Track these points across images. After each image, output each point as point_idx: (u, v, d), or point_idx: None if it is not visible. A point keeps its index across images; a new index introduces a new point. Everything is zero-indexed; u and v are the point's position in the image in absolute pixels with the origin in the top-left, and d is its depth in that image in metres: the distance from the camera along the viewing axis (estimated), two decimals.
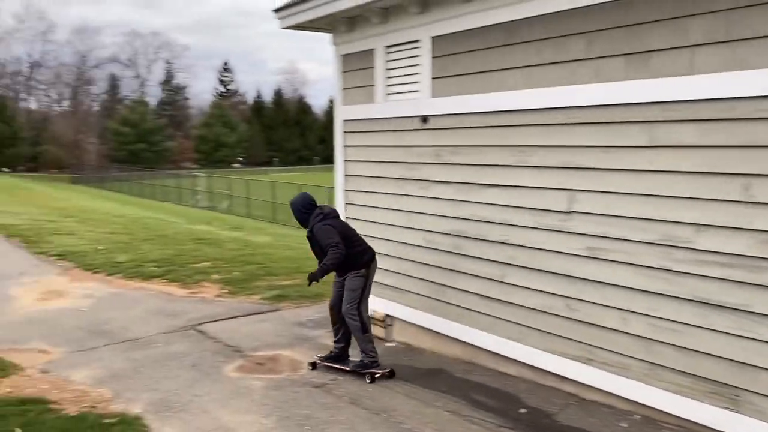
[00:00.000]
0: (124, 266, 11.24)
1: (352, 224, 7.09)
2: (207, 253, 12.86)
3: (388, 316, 6.83)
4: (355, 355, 5.99)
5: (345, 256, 5.58)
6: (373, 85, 6.65)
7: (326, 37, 7.39)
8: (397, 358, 6.32)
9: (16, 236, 14.87)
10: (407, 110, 6.29)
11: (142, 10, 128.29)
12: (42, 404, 5.16)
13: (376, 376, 5.71)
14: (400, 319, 6.70)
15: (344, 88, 7.13)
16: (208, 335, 7.21)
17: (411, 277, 6.45)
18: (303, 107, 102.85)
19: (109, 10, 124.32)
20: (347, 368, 5.91)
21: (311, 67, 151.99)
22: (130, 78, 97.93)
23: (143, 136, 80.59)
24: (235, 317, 7.96)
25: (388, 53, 6.47)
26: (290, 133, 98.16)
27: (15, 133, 75.66)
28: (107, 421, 4.80)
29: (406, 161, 6.38)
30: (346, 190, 7.27)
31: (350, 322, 5.81)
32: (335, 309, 6.01)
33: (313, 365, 6.11)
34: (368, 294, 5.92)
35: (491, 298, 5.66)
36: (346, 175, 7.26)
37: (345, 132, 7.20)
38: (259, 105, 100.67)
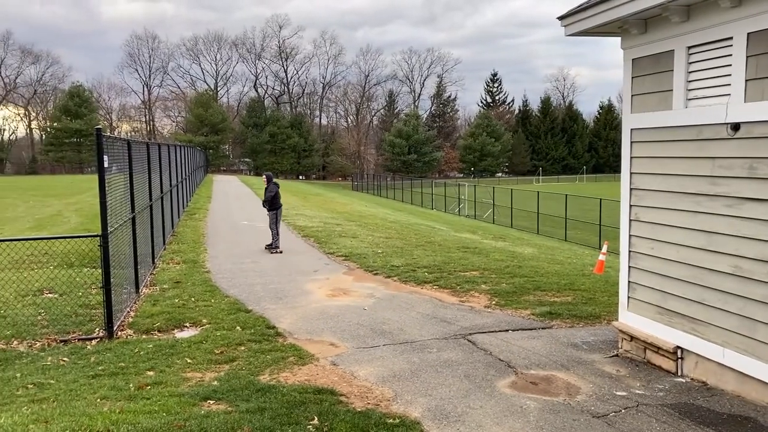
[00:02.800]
0: (400, 270, 11.93)
1: (640, 243, 6.56)
2: (474, 262, 13.04)
3: (679, 348, 6.09)
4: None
5: (279, 204, 14.88)
6: (670, 90, 6.02)
7: (601, 41, 6.94)
8: (691, 397, 5.60)
9: (310, 237, 16.84)
10: (712, 117, 5.55)
11: (421, 29, 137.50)
12: (333, 395, 5.64)
13: (273, 252, 14.21)
14: (696, 353, 5.93)
15: (634, 95, 6.57)
16: (478, 346, 7.23)
17: (711, 307, 5.66)
18: (571, 114, 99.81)
19: (390, 31, 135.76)
20: (270, 249, 14.42)
21: (581, 72, 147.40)
22: (405, 93, 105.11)
23: (414, 147, 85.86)
24: (505, 331, 7.86)
25: (690, 54, 5.79)
26: (556, 141, 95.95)
27: (309, 146, 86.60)
28: (390, 421, 5.04)
29: (709, 175, 5.63)
30: (632, 206, 6.68)
31: (273, 232, 14.54)
32: (270, 226, 14.72)
33: (268, 247, 14.63)
34: (280, 219, 14.86)
35: None
36: (632, 188, 6.68)
37: (633, 142, 6.63)
38: (525, 113, 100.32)
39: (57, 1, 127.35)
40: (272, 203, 14.72)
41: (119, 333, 7.80)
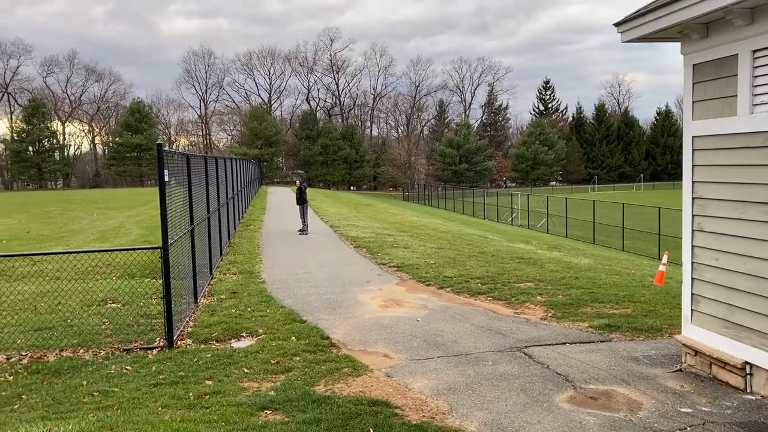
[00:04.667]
0: (453, 281, 11.85)
1: (703, 254, 6.35)
2: (528, 272, 12.83)
3: (748, 363, 5.83)
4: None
5: (305, 200, 21.38)
6: (734, 96, 5.80)
7: (658, 45, 6.76)
8: (762, 415, 5.35)
9: (363, 247, 16.93)
10: None
11: (473, 37, 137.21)
12: (388, 408, 5.62)
13: (302, 234, 20.29)
14: (766, 370, 5.66)
15: (695, 101, 6.37)
16: (535, 359, 7.09)
17: None
18: (626, 121, 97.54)
19: (442, 41, 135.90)
20: (300, 232, 20.50)
21: (637, 78, 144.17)
22: (456, 102, 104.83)
23: (465, 157, 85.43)
24: (562, 344, 7.70)
25: (756, 58, 5.58)
26: (612, 149, 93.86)
27: (360, 157, 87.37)
28: None
29: None
30: (695, 215, 6.46)
31: (302, 220, 20.81)
32: (300, 216, 20.96)
33: (300, 231, 20.69)
34: (306, 211, 20.94)
35: None
36: (694, 198, 6.46)
37: (695, 150, 6.42)
38: (579, 121, 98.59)
39: (118, 21, 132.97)
40: (299, 200, 21.43)
41: (179, 342, 8.00)
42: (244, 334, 8.38)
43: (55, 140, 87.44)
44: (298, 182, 22.69)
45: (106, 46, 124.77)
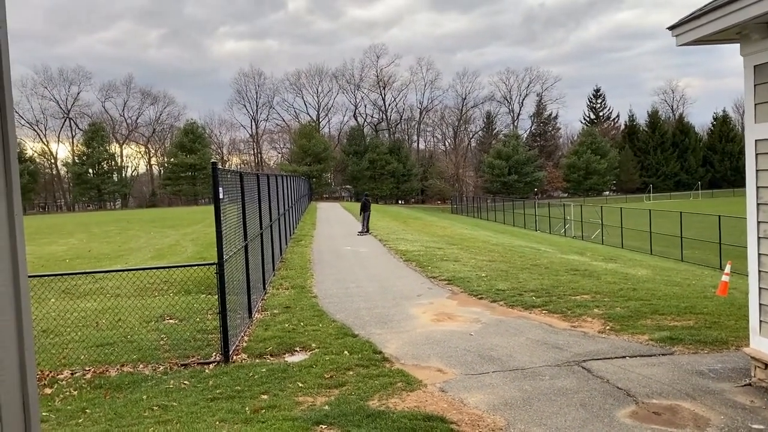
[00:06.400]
0: (505, 294, 11.67)
1: None
2: (584, 285, 12.54)
3: None
4: None
5: (369, 209, 27.08)
6: None
7: (713, 49, 6.59)
8: None
9: (412, 261, 16.87)
10: None
11: (520, 48, 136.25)
12: (443, 423, 5.55)
13: (360, 235, 25.27)
14: None
15: (757, 104, 6.13)
16: (594, 373, 6.90)
17: None
18: (681, 128, 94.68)
19: (489, 52, 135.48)
20: (360, 234, 25.80)
21: (691, 83, 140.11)
22: (504, 114, 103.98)
23: (515, 168, 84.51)
24: (622, 357, 7.46)
25: None
26: (667, 156, 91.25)
27: (408, 171, 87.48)
28: None
29: None
30: (760, 222, 6.19)
31: (363, 224, 26.31)
32: (362, 222, 26.62)
33: (359, 233, 25.98)
34: (366, 218, 26.42)
35: None
36: (759, 204, 6.20)
37: (758, 154, 6.17)
38: (632, 129, 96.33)
39: (171, 45, 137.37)
40: (362, 209, 26.71)
41: (234, 357, 8.10)
42: (297, 349, 8.44)
43: (113, 162, 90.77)
44: (363, 198, 29.66)
45: (160, 69, 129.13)
